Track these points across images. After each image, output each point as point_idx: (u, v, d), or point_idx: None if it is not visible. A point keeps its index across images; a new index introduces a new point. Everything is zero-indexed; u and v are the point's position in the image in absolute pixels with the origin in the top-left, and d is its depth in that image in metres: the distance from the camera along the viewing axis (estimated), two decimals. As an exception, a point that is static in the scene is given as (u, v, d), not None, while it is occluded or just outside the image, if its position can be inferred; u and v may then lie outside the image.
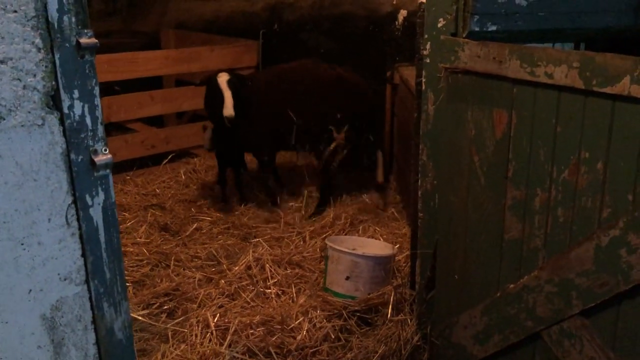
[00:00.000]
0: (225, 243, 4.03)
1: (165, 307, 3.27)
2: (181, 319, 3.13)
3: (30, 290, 1.48)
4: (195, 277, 3.53)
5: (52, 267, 1.50)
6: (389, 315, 3.07)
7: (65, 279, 1.54)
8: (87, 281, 1.58)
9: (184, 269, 3.67)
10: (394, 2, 4.96)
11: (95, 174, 1.52)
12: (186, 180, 5.26)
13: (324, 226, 4.20)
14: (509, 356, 2.53)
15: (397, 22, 4.96)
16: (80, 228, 1.53)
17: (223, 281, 3.47)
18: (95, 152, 1.51)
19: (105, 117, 4.85)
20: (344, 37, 5.41)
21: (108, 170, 1.54)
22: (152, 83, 5.89)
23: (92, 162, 1.49)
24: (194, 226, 4.29)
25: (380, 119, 5.22)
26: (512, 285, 2.40)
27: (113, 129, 5.88)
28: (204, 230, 4.27)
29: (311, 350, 2.86)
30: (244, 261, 3.65)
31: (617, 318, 2.06)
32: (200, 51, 5.62)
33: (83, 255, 1.55)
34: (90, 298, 1.59)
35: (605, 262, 1.99)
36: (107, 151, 1.54)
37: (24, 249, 1.44)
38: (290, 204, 4.74)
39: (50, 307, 1.52)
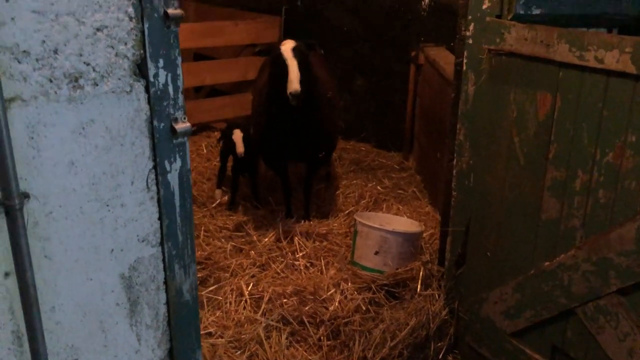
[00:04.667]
0: (253, 215, 4.09)
1: (199, 275, 3.35)
2: (215, 287, 3.21)
3: (112, 250, 1.55)
4: (226, 248, 3.61)
5: (132, 229, 1.57)
6: (418, 290, 3.16)
7: (143, 240, 1.61)
8: (161, 243, 1.65)
9: (213, 239, 3.74)
10: (422, -18, 4.97)
11: (174, 141, 1.58)
12: (207, 154, 5.32)
13: (348, 204, 4.27)
14: (539, 331, 2.62)
15: (423, 3, 4.97)
16: (158, 192, 1.59)
17: (253, 252, 3.55)
18: (176, 119, 1.57)
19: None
20: (369, 15, 5.42)
21: (186, 138, 1.60)
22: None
23: (173, 130, 1.56)
24: (220, 199, 4.35)
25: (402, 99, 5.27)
26: (547, 263, 2.48)
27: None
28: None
29: (344, 321, 2.95)
30: (272, 233, 3.73)
31: (653, 296, 2.14)
32: (224, 25, 5.63)
33: (160, 218, 1.62)
34: (163, 260, 1.67)
35: (647, 242, 2.06)
36: (186, 119, 1.60)
37: (109, 210, 1.51)
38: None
39: (128, 267, 1.60)
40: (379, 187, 4.62)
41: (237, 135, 3.99)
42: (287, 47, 3.40)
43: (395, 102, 5.43)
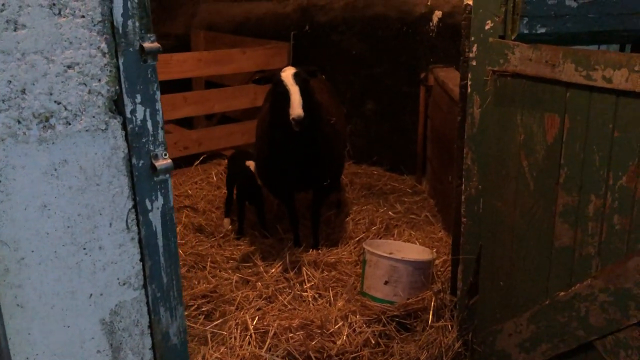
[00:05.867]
0: (261, 244, 4.02)
1: (204, 308, 3.27)
2: (220, 321, 3.13)
3: (91, 295, 1.48)
4: (232, 279, 3.53)
5: (112, 272, 1.50)
6: (429, 321, 3.03)
7: (124, 284, 1.53)
8: (144, 286, 1.57)
9: (220, 271, 3.67)
10: (428, 3, 4.91)
11: (155, 179, 1.51)
12: (217, 182, 5.27)
13: (358, 231, 4.17)
14: (557, 365, 2.47)
15: (431, 24, 4.91)
16: (139, 232, 1.52)
17: (260, 283, 3.46)
18: (156, 156, 1.50)
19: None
20: (377, 38, 5.37)
21: (168, 175, 1.54)
22: (182, 85, 5.91)
23: (153, 167, 1.49)
24: (228, 229, 4.29)
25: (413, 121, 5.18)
26: (562, 293, 2.35)
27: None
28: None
29: (352, 356, 2.83)
30: (280, 263, 3.64)
31: (676, 329, 2.00)
32: (232, 53, 5.63)
33: (142, 259, 1.55)
34: (147, 303, 1.59)
35: (666, 271, 1.93)
36: (167, 156, 1.53)
37: (86, 254, 1.44)
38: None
39: (109, 312, 1.52)
40: (390, 212, 4.51)
41: (249, 164, 3.96)
42: (288, 73, 3.36)
43: (406, 125, 5.34)
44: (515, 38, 2.46)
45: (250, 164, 3.92)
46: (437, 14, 4.84)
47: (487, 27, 2.54)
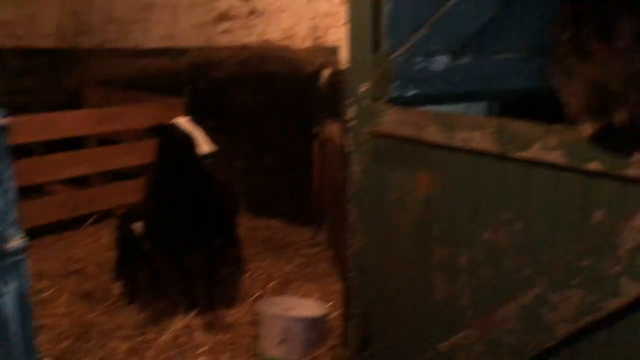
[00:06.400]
0: (153, 308, 3.86)
1: (88, 385, 3.07)
2: (105, 398, 2.94)
3: None
4: (120, 349, 3.35)
5: (-45, 366, 1.38)
6: (324, 379, 3.02)
7: (-30, 377, 1.41)
8: (-5, 378, 1.46)
9: (108, 340, 3.47)
10: (318, 62, 5.09)
11: (6, 262, 1.43)
12: (110, 243, 5.05)
13: (255, 288, 4.12)
14: (445, 416, 2.52)
15: (322, 81, 5.08)
16: (-12, 320, 1.42)
17: (150, 352, 3.30)
18: (5, 239, 1.42)
19: (25, 179, 4.64)
20: (272, 94, 5.48)
21: (22, 255, 1.45)
22: (73, 142, 5.69)
23: (2, 250, 1.41)
24: (119, 293, 4.10)
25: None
26: (443, 344, 2.42)
27: (33, 191, 5.61)
28: (131, 296, 4.08)
29: (246, 423, 2.75)
30: (172, 329, 3.51)
31: (544, 374, 2.11)
32: (124, 110, 5.53)
33: (-8, 349, 1.44)
34: (-1, 396, 1.47)
35: (529, 320, 2.05)
36: (21, 236, 1.45)
37: None
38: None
39: (-48, 411, 1.39)
40: (289, 266, 4.51)
41: (135, 225, 3.81)
42: (183, 120, 3.38)
43: (303, 178, 5.42)
44: (388, 100, 2.59)
45: (136, 227, 3.77)
46: (327, 72, 5.03)
47: (362, 90, 2.66)
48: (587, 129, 1.76)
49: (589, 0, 1.80)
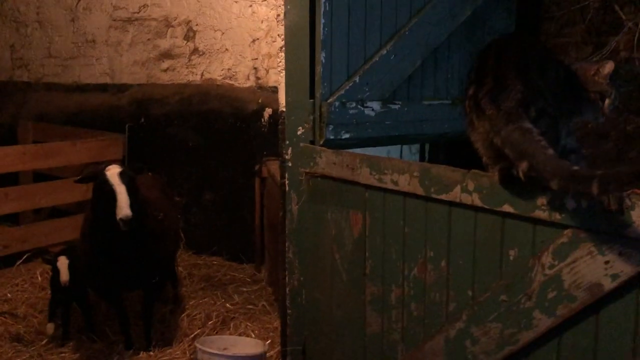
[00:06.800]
0: (87, 350, 3.77)
1: None
2: None
3: None
4: (51, 395, 3.25)
5: None
6: (261, 417, 3.03)
7: None
8: None
9: (38, 385, 3.36)
10: (260, 101, 5.21)
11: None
12: (43, 282, 4.89)
13: (194, 327, 4.09)
14: None
15: (263, 120, 5.20)
16: None
17: (83, 396, 3.22)
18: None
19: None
20: (213, 132, 5.54)
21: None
22: (8, 177, 5.54)
23: None
24: (52, 334, 3.97)
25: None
26: (376, 379, 2.51)
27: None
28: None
29: None
30: (106, 372, 3.44)
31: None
32: (61, 146, 5.43)
33: None
34: None
35: (454, 353, 2.17)
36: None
37: None
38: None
39: None
40: (228, 305, 4.49)
41: (62, 263, 3.74)
42: (113, 172, 3.28)
43: (244, 215, 5.46)
44: (323, 143, 2.72)
45: (62, 262, 3.70)
46: (268, 111, 5.15)
47: (299, 133, 2.78)
48: (493, 174, 1.94)
49: (491, 56, 2.01)
